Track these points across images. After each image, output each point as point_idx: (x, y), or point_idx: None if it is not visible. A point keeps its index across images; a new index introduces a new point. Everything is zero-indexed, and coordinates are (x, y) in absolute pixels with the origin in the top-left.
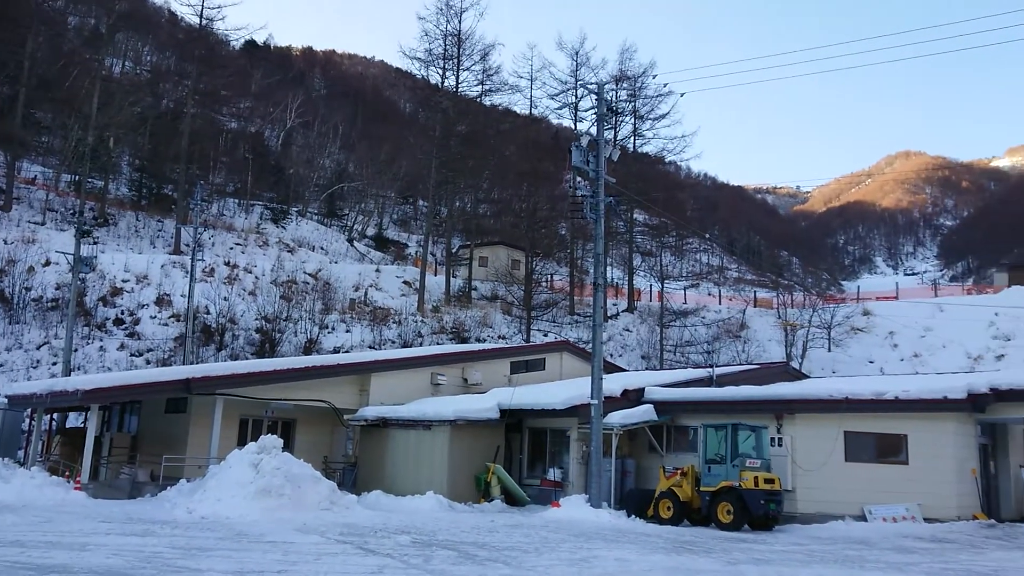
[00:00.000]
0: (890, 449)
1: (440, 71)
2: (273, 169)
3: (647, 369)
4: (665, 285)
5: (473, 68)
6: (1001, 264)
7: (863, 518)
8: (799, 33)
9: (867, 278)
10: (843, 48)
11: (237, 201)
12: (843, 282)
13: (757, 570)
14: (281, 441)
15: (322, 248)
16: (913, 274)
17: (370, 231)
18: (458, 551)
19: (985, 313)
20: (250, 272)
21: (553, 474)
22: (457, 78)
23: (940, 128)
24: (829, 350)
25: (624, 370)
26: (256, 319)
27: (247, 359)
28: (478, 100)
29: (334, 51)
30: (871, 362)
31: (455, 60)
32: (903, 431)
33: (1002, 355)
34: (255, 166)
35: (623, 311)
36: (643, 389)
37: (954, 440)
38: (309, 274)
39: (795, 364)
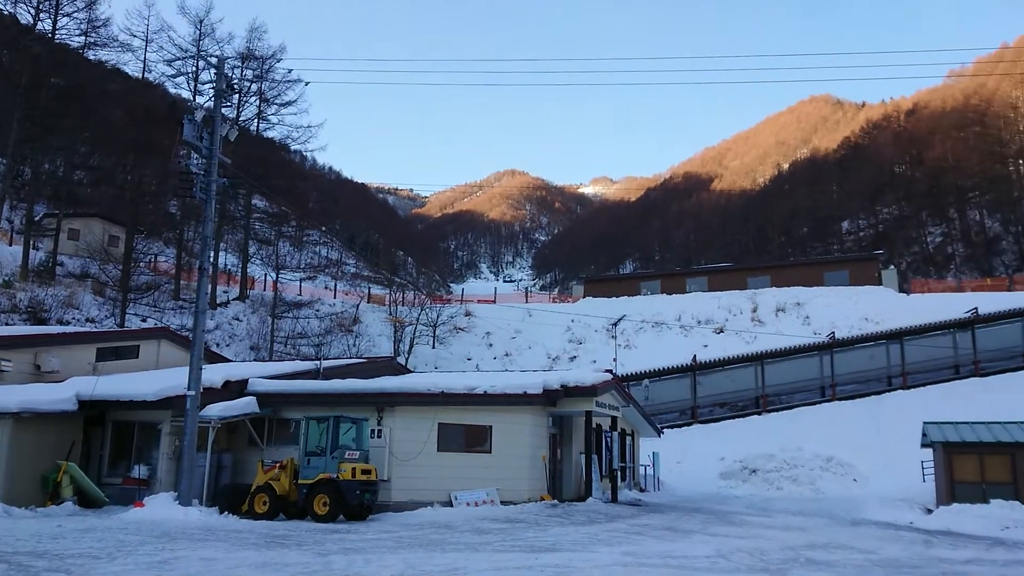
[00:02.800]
0: (477, 439)
1: (32, 10)
2: None
3: (256, 360)
4: (281, 275)
5: (76, 15)
6: (580, 278)
7: (450, 504)
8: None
9: (472, 282)
10: (474, 66)
11: None
12: (451, 284)
13: (345, 559)
14: None
15: None
16: (511, 281)
17: None
18: (9, 563)
19: (564, 319)
20: None
21: (138, 471)
22: (54, 22)
23: (541, 153)
24: (434, 347)
25: (230, 360)
26: None
27: None
28: (81, 52)
29: None
30: (469, 359)
31: (53, 1)
32: (489, 423)
33: (575, 356)
34: None
35: (234, 299)
36: (247, 381)
37: (530, 431)
38: None
39: (402, 359)
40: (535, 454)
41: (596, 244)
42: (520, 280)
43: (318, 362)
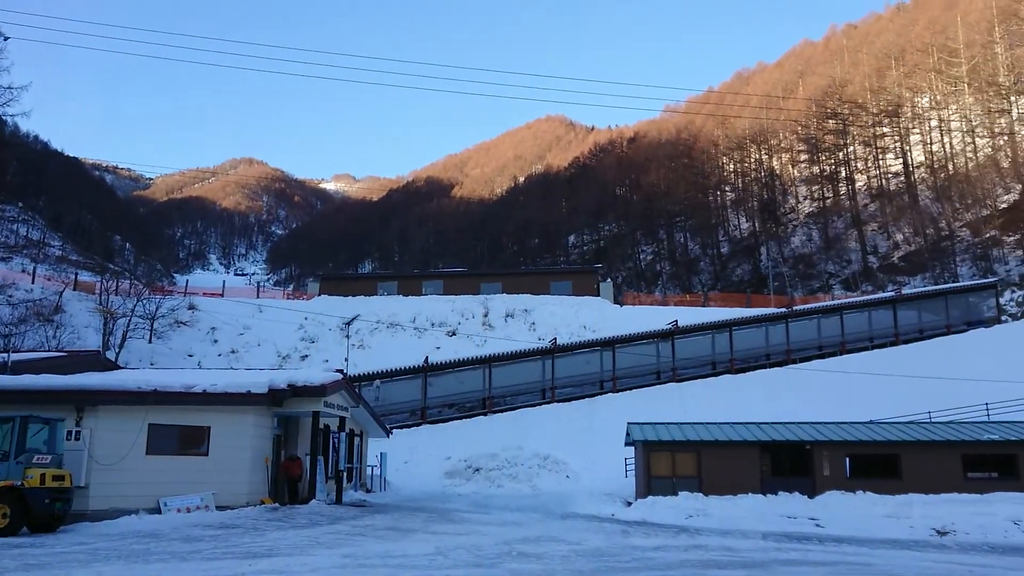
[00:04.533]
0: (193, 441)
1: None
2: None
3: None
4: None
5: None
6: (316, 275)
7: (158, 511)
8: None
9: (200, 274)
10: (217, 45)
11: None
12: (176, 275)
13: None
14: None
15: None
16: (243, 275)
17: None
18: None
19: (297, 317)
20: None
21: None
22: None
23: (283, 144)
24: (151, 341)
25: None
26: None
27: None
28: None
29: None
30: (191, 355)
31: None
32: (208, 423)
33: (306, 355)
34: None
35: None
36: None
37: (253, 431)
38: None
39: (112, 354)
40: (257, 456)
41: (335, 242)
42: (253, 274)
43: (5, 355)
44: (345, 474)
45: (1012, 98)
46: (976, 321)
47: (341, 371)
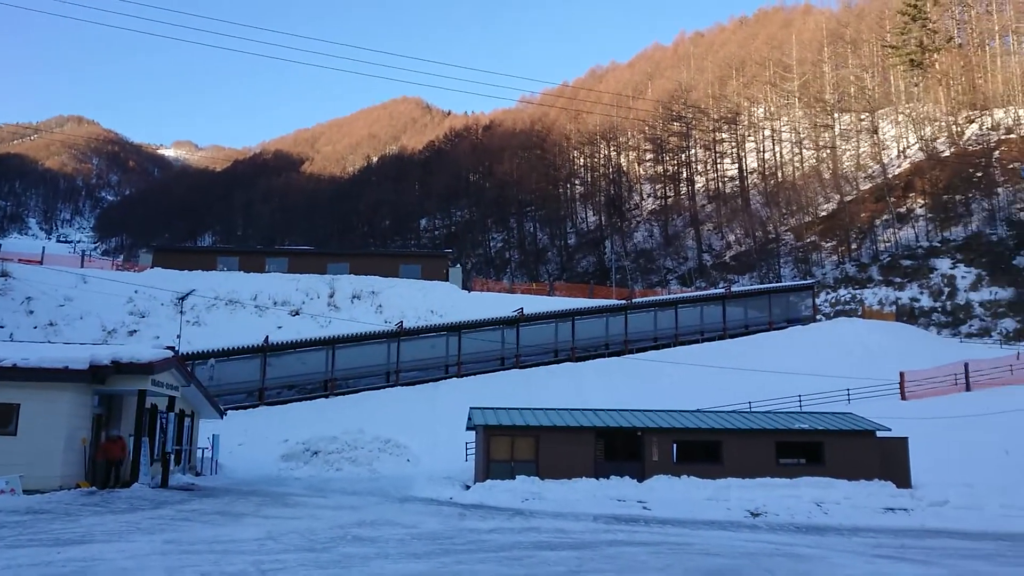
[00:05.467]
0: (1, 420)
1: None
2: None
3: None
4: None
5: None
6: (150, 246)
7: None
8: None
9: (16, 239)
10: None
11: None
12: None
13: None
14: None
15: None
16: (67, 242)
17: None
18: None
19: (127, 290)
20: None
21: None
22: None
23: (118, 104)
24: None
25: None
26: None
27: None
28: None
29: None
30: (2, 327)
31: None
32: (17, 400)
33: (135, 331)
34: None
35: None
36: None
37: (69, 410)
38: None
39: None
40: (73, 436)
41: (173, 212)
42: (78, 242)
43: None
44: (172, 456)
45: (835, 115)
46: (795, 319)
47: (172, 348)
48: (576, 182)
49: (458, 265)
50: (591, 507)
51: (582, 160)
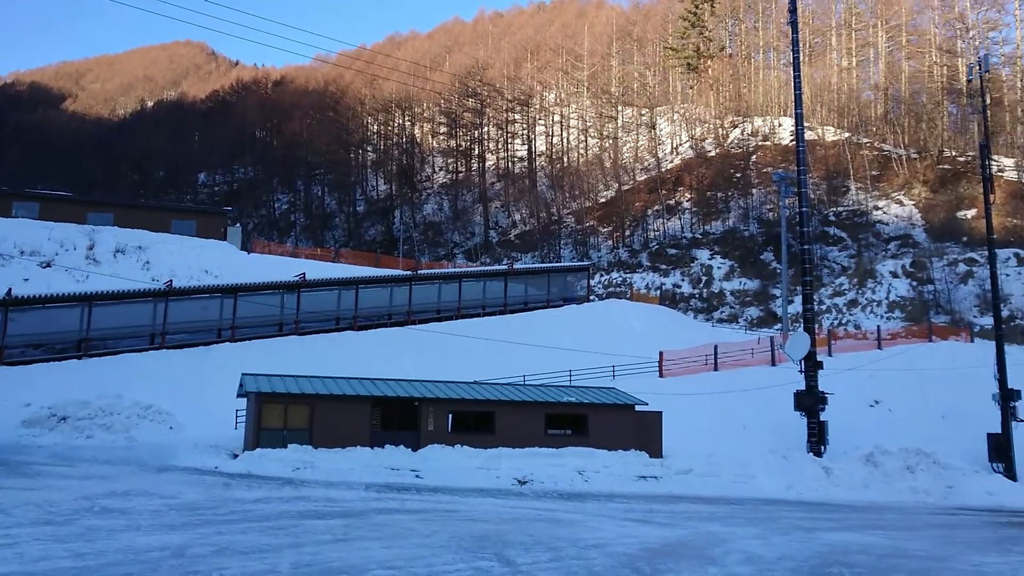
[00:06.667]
0: None
1: None
2: None
3: None
4: None
5: None
6: None
7: None
8: None
9: None
10: None
11: None
12: None
13: None
14: None
15: None
16: None
17: None
18: None
19: None
20: None
21: None
22: None
23: None
24: None
25: None
26: None
27: None
28: None
29: None
30: None
31: None
32: None
33: None
34: None
35: None
36: None
37: None
38: None
39: None
40: None
41: None
42: None
43: None
44: None
45: (619, 107)
46: (571, 298)
47: None
48: (368, 149)
49: (238, 225)
50: (365, 476)
51: (376, 127)
